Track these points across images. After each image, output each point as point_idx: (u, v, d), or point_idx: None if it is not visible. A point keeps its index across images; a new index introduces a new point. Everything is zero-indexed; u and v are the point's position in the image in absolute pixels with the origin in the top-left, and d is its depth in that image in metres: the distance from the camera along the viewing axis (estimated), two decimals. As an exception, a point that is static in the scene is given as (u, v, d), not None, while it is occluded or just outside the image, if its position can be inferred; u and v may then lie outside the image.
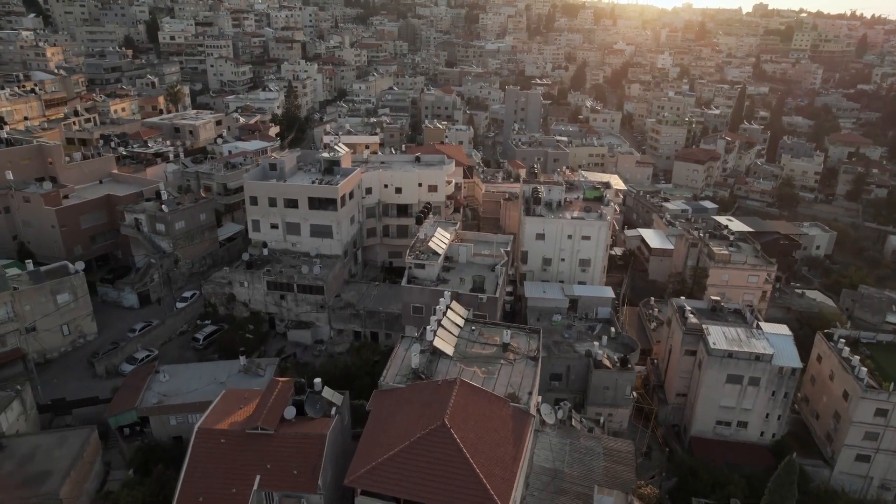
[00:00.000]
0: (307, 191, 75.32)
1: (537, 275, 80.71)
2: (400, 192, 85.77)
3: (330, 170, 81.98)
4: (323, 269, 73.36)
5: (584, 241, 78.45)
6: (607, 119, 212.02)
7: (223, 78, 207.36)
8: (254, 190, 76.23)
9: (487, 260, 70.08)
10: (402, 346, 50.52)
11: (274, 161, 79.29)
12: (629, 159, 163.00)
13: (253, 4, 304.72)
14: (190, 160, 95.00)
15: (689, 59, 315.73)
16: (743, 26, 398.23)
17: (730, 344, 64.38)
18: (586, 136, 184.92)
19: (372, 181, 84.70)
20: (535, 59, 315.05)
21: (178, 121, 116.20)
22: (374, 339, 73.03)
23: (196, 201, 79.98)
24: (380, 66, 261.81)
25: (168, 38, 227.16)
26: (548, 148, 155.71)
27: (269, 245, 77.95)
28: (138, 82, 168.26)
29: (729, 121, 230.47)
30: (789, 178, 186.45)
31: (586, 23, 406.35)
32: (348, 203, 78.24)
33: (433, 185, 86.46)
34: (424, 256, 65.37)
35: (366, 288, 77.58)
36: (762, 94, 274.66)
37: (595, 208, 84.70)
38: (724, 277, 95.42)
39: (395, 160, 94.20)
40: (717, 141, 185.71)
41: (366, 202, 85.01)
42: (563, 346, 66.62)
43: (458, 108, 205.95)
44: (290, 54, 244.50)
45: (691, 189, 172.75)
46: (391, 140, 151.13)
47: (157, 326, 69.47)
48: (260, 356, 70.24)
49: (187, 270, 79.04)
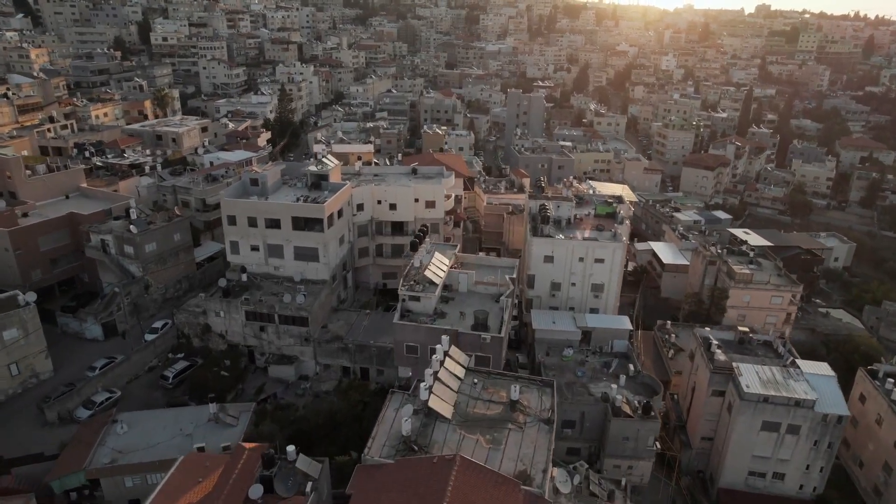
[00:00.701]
0: (291, 210, 67.28)
1: (545, 300, 72.75)
2: (395, 209, 77.77)
3: (318, 185, 73.97)
4: (308, 298, 65.35)
5: (598, 263, 70.50)
6: (612, 123, 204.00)
7: (216, 80, 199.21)
8: (232, 208, 68.21)
9: (491, 289, 62.06)
10: (391, 404, 42.54)
11: (255, 175, 71.25)
12: (637, 166, 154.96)
13: (249, 5, 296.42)
14: (168, 172, 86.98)
15: (694, 61, 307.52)
16: (747, 27, 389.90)
17: (765, 386, 56.34)
18: (591, 140, 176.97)
19: (364, 196, 76.69)
20: (537, 61, 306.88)
21: (161, 128, 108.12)
22: (365, 376, 65.07)
23: (170, 220, 71.94)
24: (378, 67, 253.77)
25: (160, 40, 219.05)
26: (552, 154, 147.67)
27: (250, 269, 69.97)
28: (125, 85, 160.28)
29: (737, 124, 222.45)
30: (801, 185, 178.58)
31: (588, 24, 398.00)
32: (337, 222, 70.23)
33: (431, 201, 78.46)
34: (420, 287, 57.36)
35: (356, 317, 69.54)
36: (769, 97, 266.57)
37: (608, 226, 76.74)
38: (746, 299, 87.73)
39: (389, 172, 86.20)
40: (727, 146, 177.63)
41: (357, 219, 77.02)
42: (576, 388, 58.61)
43: (459, 112, 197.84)
44: (286, 56, 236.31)
45: (700, 196, 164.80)
46: (388, 147, 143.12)
47: (121, 363, 61.47)
48: (236, 396, 62.40)
49: (160, 297, 71.03)
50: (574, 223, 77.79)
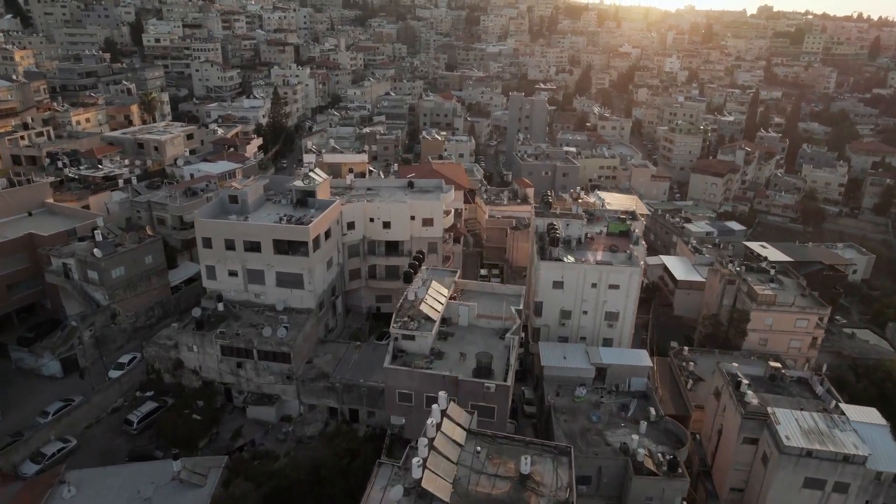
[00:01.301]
0: (272, 231, 60.00)
1: (553, 330, 65.52)
2: (389, 228, 70.44)
3: (304, 202, 66.75)
4: (290, 330, 58.09)
5: (612, 290, 63.23)
6: (616, 127, 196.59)
7: (209, 83, 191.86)
8: (207, 229, 60.94)
9: (494, 323, 54.77)
10: (377, 480, 35.29)
11: (234, 192, 63.99)
12: (644, 173, 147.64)
13: (245, 6, 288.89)
14: (144, 185, 79.69)
15: (698, 63, 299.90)
16: (750, 29, 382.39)
17: (807, 437, 49.06)
18: (595, 145, 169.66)
19: (355, 214, 69.40)
20: (538, 63, 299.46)
21: (143, 135, 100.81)
22: (354, 418, 57.79)
23: (140, 241, 64.68)
24: (377, 69, 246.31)
25: (153, 41, 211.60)
26: (556, 161, 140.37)
27: (229, 296, 62.73)
28: (113, 89, 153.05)
29: (743, 128, 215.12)
30: (812, 191, 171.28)
31: (590, 25, 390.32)
32: (324, 245, 62.96)
33: (428, 219, 71.13)
34: (415, 324, 50.05)
35: (345, 350, 62.19)
36: (775, 99, 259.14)
37: (622, 246, 69.53)
38: (768, 322, 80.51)
39: (384, 185, 78.90)
40: (736, 151, 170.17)
41: (347, 239, 69.74)
42: (591, 437, 51.37)
43: (459, 115, 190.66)
44: (283, 58, 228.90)
45: (709, 204, 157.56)
46: (385, 153, 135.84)
47: (79, 405, 54.21)
48: (210, 442, 55.16)
49: (129, 326, 63.81)
50: (585, 243, 70.61)
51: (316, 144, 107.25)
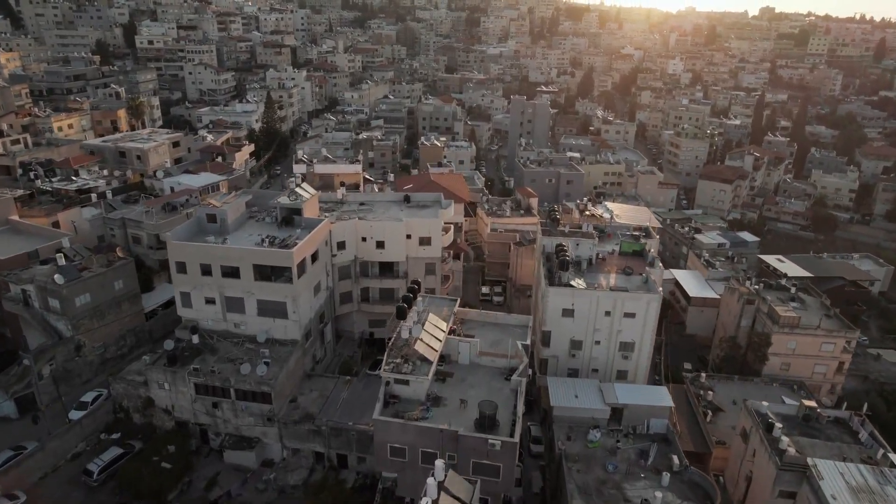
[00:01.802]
0: (252, 256, 53.77)
1: (563, 361, 59.33)
2: (382, 248, 64.22)
3: (289, 220, 60.54)
4: (272, 366, 51.86)
5: (628, 318, 57.00)
6: (620, 131, 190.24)
7: (203, 86, 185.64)
8: (180, 253, 54.72)
9: (499, 361, 48.57)
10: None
11: (213, 211, 57.78)
12: (651, 180, 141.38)
13: (242, 7, 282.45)
14: (120, 199, 73.49)
15: (701, 65, 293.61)
16: (753, 30, 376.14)
17: (856, 497, 42.81)
18: (600, 150, 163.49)
19: (346, 233, 63.20)
20: (539, 65, 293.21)
21: (125, 143, 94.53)
22: (343, 463, 51.56)
23: (110, 264, 58.44)
24: (375, 72, 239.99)
25: (146, 43, 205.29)
26: (560, 168, 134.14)
27: (206, 325, 56.55)
28: (101, 92, 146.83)
29: (750, 132, 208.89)
30: (822, 197, 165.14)
31: (591, 26, 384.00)
32: (310, 269, 56.74)
33: (426, 238, 64.94)
34: (409, 367, 43.83)
35: (333, 386, 55.95)
36: (781, 102, 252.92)
37: (637, 267, 63.33)
38: (791, 345, 74.62)
39: (378, 200, 72.66)
40: (745, 157, 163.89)
41: (338, 260, 63.55)
42: (609, 491, 45.15)
43: (459, 119, 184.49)
44: (279, 60, 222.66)
45: (717, 211, 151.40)
46: (382, 160, 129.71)
47: (32, 453, 48.00)
48: (181, 493, 48.92)
49: (97, 358, 57.63)
50: (596, 264, 64.40)
51: (308, 153, 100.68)
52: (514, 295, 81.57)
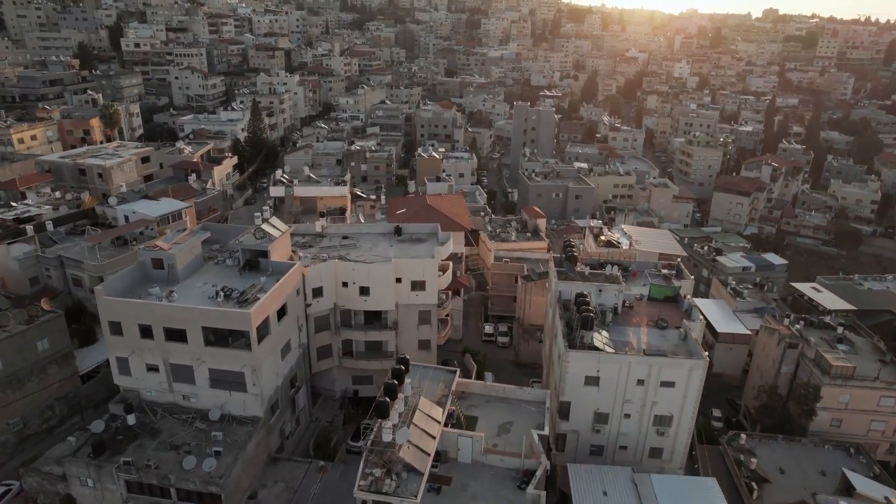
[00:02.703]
0: (200, 317, 42.65)
1: (584, 437, 48.22)
2: (367, 294, 53.15)
3: (254, 264, 49.50)
4: (224, 457, 40.81)
5: (665, 388, 45.92)
6: (629, 138, 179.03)
7: (190, 92, 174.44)
8: (114, 310, 43.63)
9: (510, 461, 37.47)
10: None
11: (159, 255, 46.71)
12: (665, 193, 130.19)
13: (236, 8, 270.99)
14: (64, 231, 62.40)
15: (708, 68, 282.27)
16: (759, 32, 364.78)
17: None
18: (608, 160, 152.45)
19: (323, 277, 52.13)
20: (542, 68, 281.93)
21: (85, 159, 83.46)
22: (312, 580, 40.55)
23: (31, 320, 47.29)
24: (373, 75, 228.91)
25: (132, 46, 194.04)
26: (568, 182, 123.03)
27: (149, 395, 45.52)
28: (77, 99, 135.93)
29: (762, 139, 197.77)
30: (843, 209, 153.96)
31: (594, 28, 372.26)
32: (276, 329, 45.67)
33: (419, 282, 53.86)
34: (391, 482, 32.67)
35: (303, 474, 44.83)
36: (792, 107, 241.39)
37: (672, 318, 52.26)
38: (844, 398, 63.73)
39: (365, 232, 61.58)
40: (762, 167, 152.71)
41: (314, 309, 52.50)
42: None
43: (459, 126, 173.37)
44: (272, 64, 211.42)
45: (733, 226, 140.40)
46: (376, 173, 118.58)
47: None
48: None
49: (12, 437, 46.51)
50: (622, 312, 53.35)
51: (295, 166, 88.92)
52: (522, 337, 70.52)
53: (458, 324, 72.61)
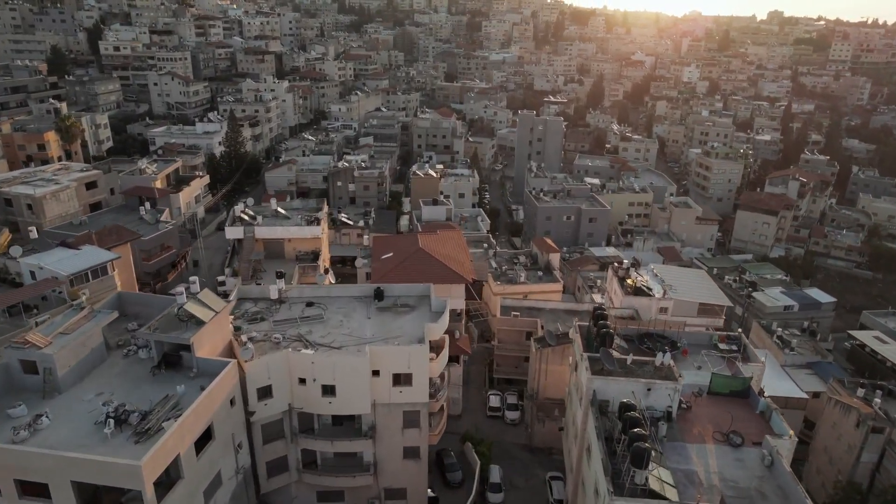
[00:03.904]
0: (67, 469, 27.97)
1: None
2: (332, 394, 38.54)
3: (173, 360, 34.95)
4: None
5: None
6: (640, 149, 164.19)
7: (170, 99, 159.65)
8: (-52, 451, 29.04)
9: None
10: None
11: (32, 356, 32.16)
12: (687, 214, 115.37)
13: (226, 10, 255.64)
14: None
15: (718, 72, 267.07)
16: (769, 35, 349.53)
17: None
18: (620, 174, 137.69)
19: (272, 373, 37.52)
20: (545, 72, 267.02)
21: (12, 187, 68.90)
22: None
23: None
24: (369, 80, 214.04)
25: (111, 49, 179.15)
26: (580, 202, 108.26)
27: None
28: (38, 108, 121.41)
29: (781, 149, 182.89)
30: (877, 227, 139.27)
31: (598, 31, 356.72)
32: (194, 470, 31.03)
33: (404, 375, 39.24)
34: None
35: None
36: (808, 113, 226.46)
37: (744, 426, 37.61)
38: (946, 502, 48.84)
39: (336, 296, 46.90)
40: (789, 182, 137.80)
41: (262, 415, 37.92)
42: None
43: (459, 136, 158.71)
44: (262, 68, 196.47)
45: (759, 247, 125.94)
46: (365, 194, 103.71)
47: None
48: None
49: None
50: (677, 418, 38.71)
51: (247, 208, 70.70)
52: (537, 416, 55.85)
53: (456, 396, 58.12)
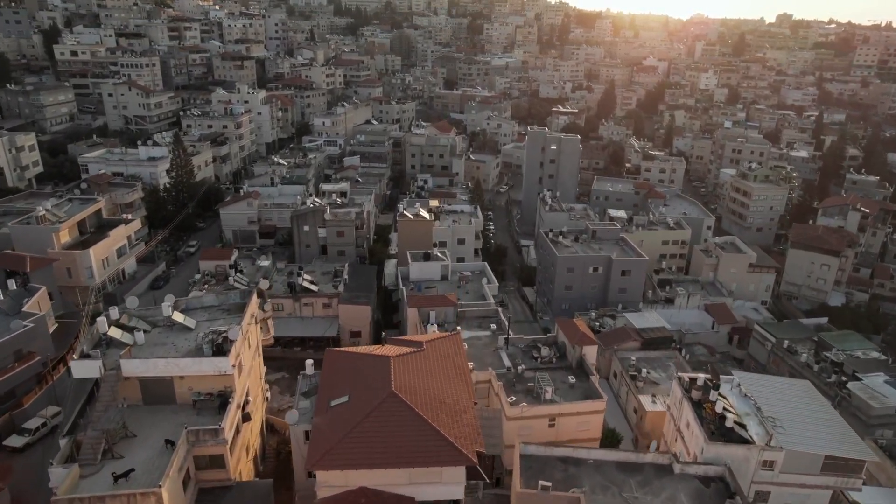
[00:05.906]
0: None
1: None
2: None
3: None
4: None
5: None
6: (666, 169, 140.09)
7: (127, 112, 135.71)
8: None
9: None
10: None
11: None
12: (738, 261, 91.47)
13: (208, 12, 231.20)
14: None
15: (737, 78, 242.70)
16: (786, 39, 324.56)
17: None
18: (646, 201, 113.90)
19: None
20: (551, 78, 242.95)
21: None
22: None
23: None
24: (360, 87, 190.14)
25: (67, 54, 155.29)
26: (610, 250, 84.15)
27: None
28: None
29: (820, 167, 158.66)
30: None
31: (605, 34, 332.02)
32: None
33: None
34: None
35: None
36: (839, 124, 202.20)
37: None
38: None
39: None
40: (848, 213, 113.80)
41: None
42: None
43: (458, 155, 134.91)
44: (242, 75, 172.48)
45: (816, 293, 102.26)
46: (339, 241, 79.61)
47: None
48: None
49: None
50: None
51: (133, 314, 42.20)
52: None
53: None
